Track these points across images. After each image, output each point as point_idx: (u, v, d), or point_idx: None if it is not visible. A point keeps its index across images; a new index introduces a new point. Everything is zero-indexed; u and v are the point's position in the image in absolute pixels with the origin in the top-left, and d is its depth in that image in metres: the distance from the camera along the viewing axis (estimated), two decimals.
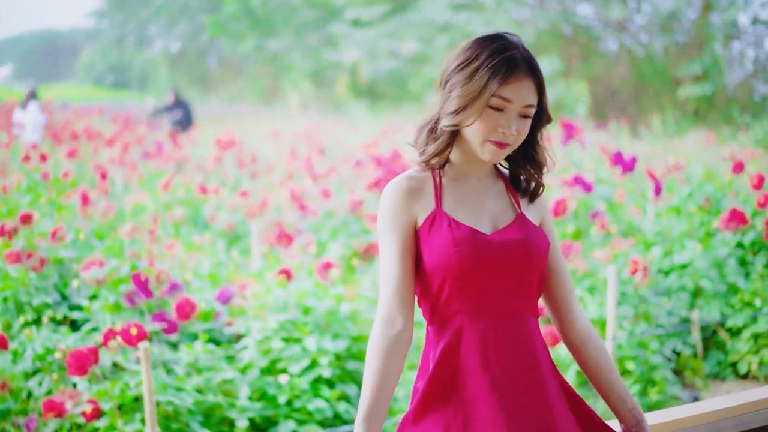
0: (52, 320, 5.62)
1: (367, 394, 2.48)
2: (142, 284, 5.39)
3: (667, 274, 7.03)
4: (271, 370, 5.34)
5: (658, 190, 7.84)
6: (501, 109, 2.46)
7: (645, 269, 6.36)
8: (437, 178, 2.59)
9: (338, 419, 5.24)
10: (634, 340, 6.00)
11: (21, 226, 6.12)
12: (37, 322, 5.59)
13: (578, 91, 21.62)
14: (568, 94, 21.51)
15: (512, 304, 2.53)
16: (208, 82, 42.57)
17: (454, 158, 2.61)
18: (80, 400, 4.67)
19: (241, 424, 4.87)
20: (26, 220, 6.16)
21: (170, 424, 4.73)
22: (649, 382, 5.91)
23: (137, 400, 4.75)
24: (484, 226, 2.55)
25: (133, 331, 4.63)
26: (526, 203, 2.67)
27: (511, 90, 2.47)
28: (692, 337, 6.67)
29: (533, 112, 2.52)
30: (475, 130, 2.50)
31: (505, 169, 2.71)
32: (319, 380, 5.29)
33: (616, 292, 5.57)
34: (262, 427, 5.13)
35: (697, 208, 7.90)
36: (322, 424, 5.16)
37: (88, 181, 10.72)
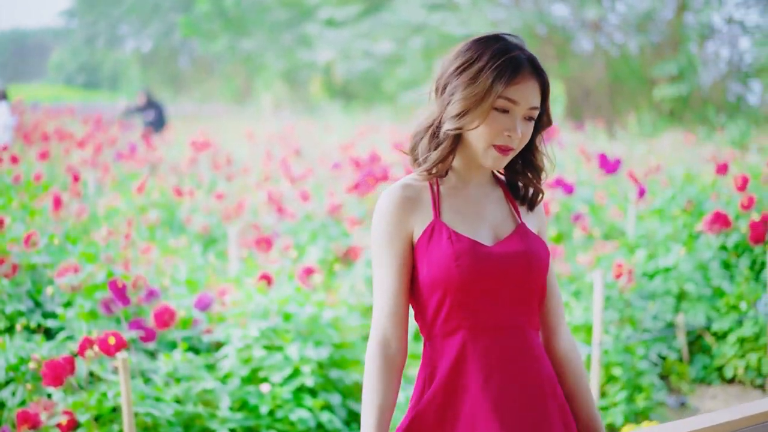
0: (26, 328, 5.45)
1: (370, 413, 2.37)
2: (119, 291, 5.25)
3: (651, 277, 6.96)
4: (253, 379, 5.21)
5: (641, 192, 7.78)
6: (506, 111, 2.37)
7: (630, 273, 6.28)
8: (435, 187, 2.47)
9: (321, 429, 5.11)
10: (620, 345, 5.91)
11: None
12: (10, 330, 5.43)
13: (554, 91, 21.60)
14: None
15: (513, 318, 2.42)
16: (180, 82, 42.36)
17: (454, 165, 2.50)
18: (55, 412, 4.52)
19: None
20: None
21: None
22: (635, 389, 5.83)
23: (115, 411, 4.62)
24: (485, 237, 2.44)
25: (111, 341, 4.49)
26: (525, 211, 2.56)
27: (517, 91, 2.37)
28: (678, 341, 6.60)
29: (537, 115, 2.42)
30: (479, 134, 2.39)
31: (502, 175, 2.60)
32: (301, 389, 5.16)
33: (603, 297, 5.48)
34: None
35: (680, 210, 7.84)
36: None
37: (60, 183, 10.53)
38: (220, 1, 32.96)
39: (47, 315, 5.70)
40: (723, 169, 8.01)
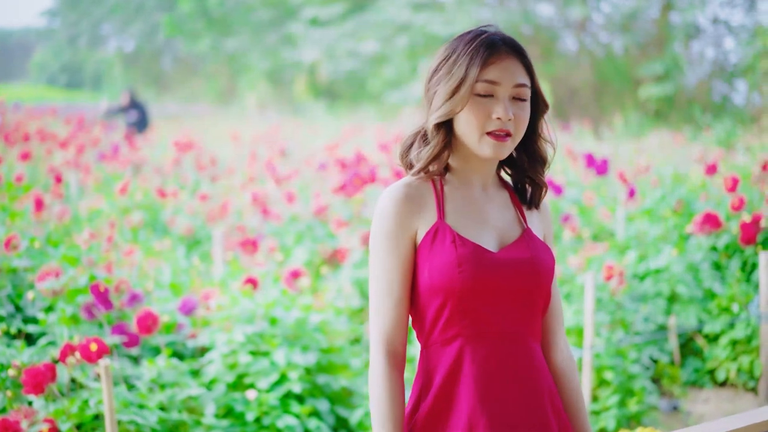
0: (6, 334, 5.32)
1: (381, 422, 2.27)
2: (101, 295, 5.13)
3: (642, 279, 6.89)
4: (238, 386, 5.10)
5: (631, 193, 7.70)
6: (491, 95, 2.26)
7: (621, 275, 6.20)
8: (438, 185, 2.36)
9: None
10: (612, 348, 5.83)
11: None
12: None
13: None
14: None
15: (516, 328, 2.32)
16: (164, 82, 42.18)
17: (453, 164, 2.39)
18: (36, 419, 4.39)
19: None
20: None
21: None
22: (627, 393, 5.74)
23: (97, 419, 4.51)
24: (490, 242, 2.33)
25: (93, 347, 4.37)
26: (531, 214, 2.45)
27: (495, 70, 2.26)
28: (669, 344, 6.52)
29: (528, 94, 2.31)
30: (468, 124, 2.28)
31: (508, 176, 2.50)
32: (288, 395, 5.05)
33: (594, 300, 5.40)
34: None
35: (670, 211, 7.77)
36: None
37: (42, 184, 10.39)
38: (203, 1, 32.80)
39: (28, 320, 5.56)
40: (712, 170, 7.95)
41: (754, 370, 6.22)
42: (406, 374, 5.20)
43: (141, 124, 18.00)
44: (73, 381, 4.66)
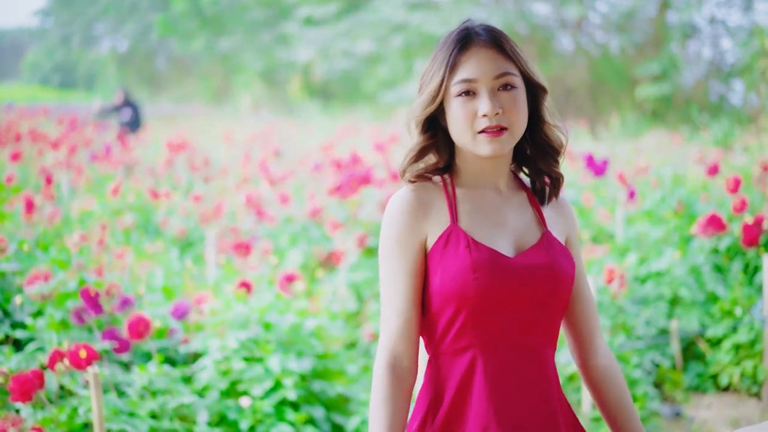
0: None
1: None
2: (91, 299, 5.01)
3: (643, 282, 6.77)
4: (232, 393, 4.98)
5: (631, 194, 7.59)
6: (473, 93, 2.15)
7: (621, 277, 6.08)
8: (450, 187, 2.23)
9: None
10: (613, 353, 5.70)
11: None
12: None
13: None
14: None
15: (531, 338, 2.19)
16: (158, 82, 42.04)
17: (461, 167, 2.26)
18: (24, 428, 4.27)
19: None
20: None
21: None
22: None
23: (87, 427, 4.39)
24: (506, 247, 2.20)
25: (82, 353, 4.25)
26: (552, 216, 2.31)
27: (469, 67, 2.16)
28: (671, 348, 6.41)
29: (517, 81, 2.18)
30: (457, 127, 2.17)
31: (526, 177, 2.37)
32: (283, 403, 4.93)
33: (595, 305, 5.29)
34: None
35: (671, 212, 7.66)
36: None
37: (33, 185, 10.25)
38: (197, 1, 32.66)
39: (16, 325, 5.43)
40: (714, 171, 7.84)
41: (758, 375, 6.11)
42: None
43: (134, 123, 17.85)
44: (62, 388, 4.55)
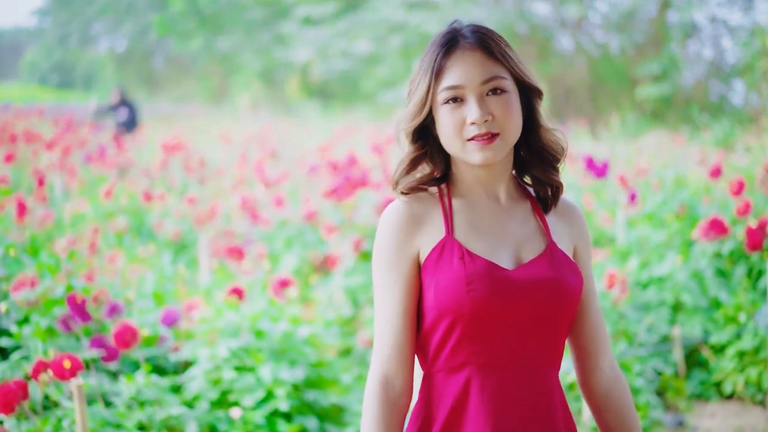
0: None
1: None
2: (78, 307, 4.87)
3: (645, 287, 6.63)
4: (222, 403, 4.84)
5: (633, 197, 7.45)
6: (460, 99, 2.03)
7: (623, 283, 5.95)
8: (446, 198, 2.11)
9: None
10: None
11: None
12: None
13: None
14: None
15: (533, 356, 2.06)
16: (156, 82, 41.97)
17: (457, 176, 2.14)
18: None
19: None
20: None
21: None
22: None
23: None
24: (505, 259, 2.07)
25: (67, 364, 4.10)
26: (558, 225, 2.18)
27: (455, 73, 2.04)
28: (673, 355, 6.27)
29: (507, 84, 2.06)
30: (445, 136, 2.06)
31: (529, 186, 2.23)
32: (275, 414, 4.79)
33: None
34: None
35: (673, 215, 7.52)
36: None
37: (26, 187, 10.12)
38: (195, 0, 32.53)
39: (1, 333, 5.30)
40: (716, 173, 7.69)
41: (762, 383, 5.96)
42: None
43: (131, 123, 17.73)
44: (48, 398, 4.42)
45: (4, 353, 5.22)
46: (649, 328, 6.24)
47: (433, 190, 2.16)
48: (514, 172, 2.23)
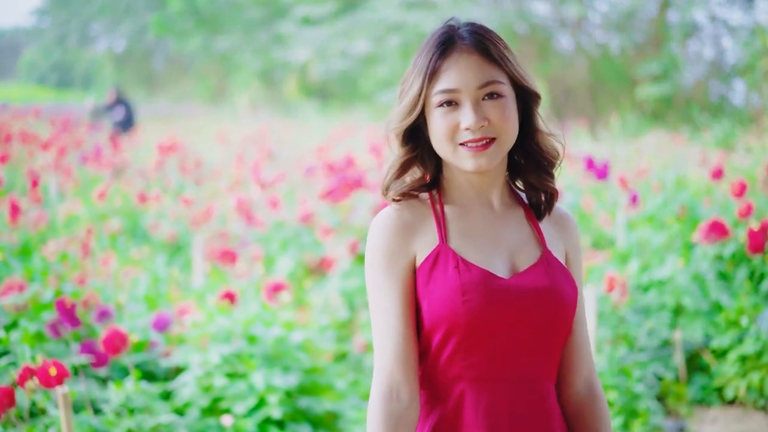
0: None
1: None
2: (67, 312, 4.78)
3: (645, 290, 6.54)
4: (213, 410, 4.75)
5: (634, 199, 7.36)
6: (455, 103, 1.95)
7: (623, 286, 5.85)
8: (438, 205, 2.03)
9: None
10: (615, 366, 5.47)
11: None
12: None
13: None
14: None
15: (529, 369, 1.98)
16: (155, 82, 41.96)
17: (449, 181, 2.06)
18: None
19: None
20: None
21: None
22: (631, 414, 5.38)
23: None
24: (500, 268, 1.98)
25: (52, 371, 4.00)
26: (551, 233, 2.09)
27: (451, 75, 1.96)
28: (674, 359, 6.17)
29: (504, 89, 1.97)
30: (437, 140, 1.98)
31: (522, 192, 2.15)
32: (267, 421, 4.70)
33: (596, 315, 5.06)
34: None
35: (673, 217, 7.43)
36: None
37: (20, 188, 10.02)
38: (193, 0, 32.47)
39: None
40: (718, 175, 7.60)
41: (765, 388, 5.87)
42: None
43: (127, 122, 17.65)
44: (35, 405, 4.33)
45: None
46: (650, 333, 6.15)
47: (424, 196, 2.08)
48: (507, 177, 2.14)
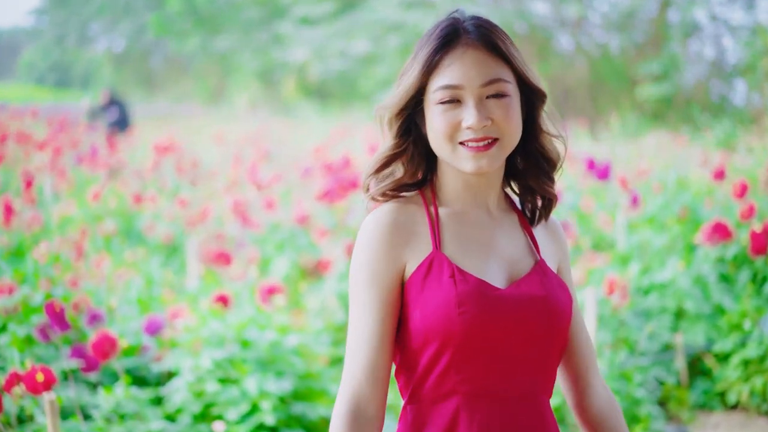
0: None
1: None
2: (56, 315, 4.67)
3: (646, 293, 6.45)
4: (205, 417, 4.66)
5: (634, 200, 7.27)
6: (457, 101, 1.84)
7: (623, 289, 5.76)
8: (432, 208, 1.92)
9: None
10: (615, 370, 5.37)
11: None
12: None
13: None
14: None
15: (525, 383, 1.88)
16: (154, 82, 41.97)
17: (445, 183, 1.95)
18: None
19: None
20: None
21: None
22: (632, 420, 5.29)
23: None
24: (496, 277, 1.89)
25: (39, 377, 3.90)
26: (543, 240, 2.00)
27: (454, 71, 1.84)
28: (676, 364, 6.08)
29: (510, 88, 1.87)
30: (436, 139, 1.87)
31: (516, 197, 2.05)
32: (260, 428, 4.61)
33: (596, 318, 4.97)
34: None
35: (675, 218, 7.35)
36: None
37: (15, 189, 9.93)
38: (191, 0, 32.41)
39: None
40: (720, 176, 7.51)
41: None
42: None
43: (122, 122, 17.59)
44: (24, 411, 4.25)
45: None
46: (651, 336, 6.06)
47: (418, 198, 1.97)
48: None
